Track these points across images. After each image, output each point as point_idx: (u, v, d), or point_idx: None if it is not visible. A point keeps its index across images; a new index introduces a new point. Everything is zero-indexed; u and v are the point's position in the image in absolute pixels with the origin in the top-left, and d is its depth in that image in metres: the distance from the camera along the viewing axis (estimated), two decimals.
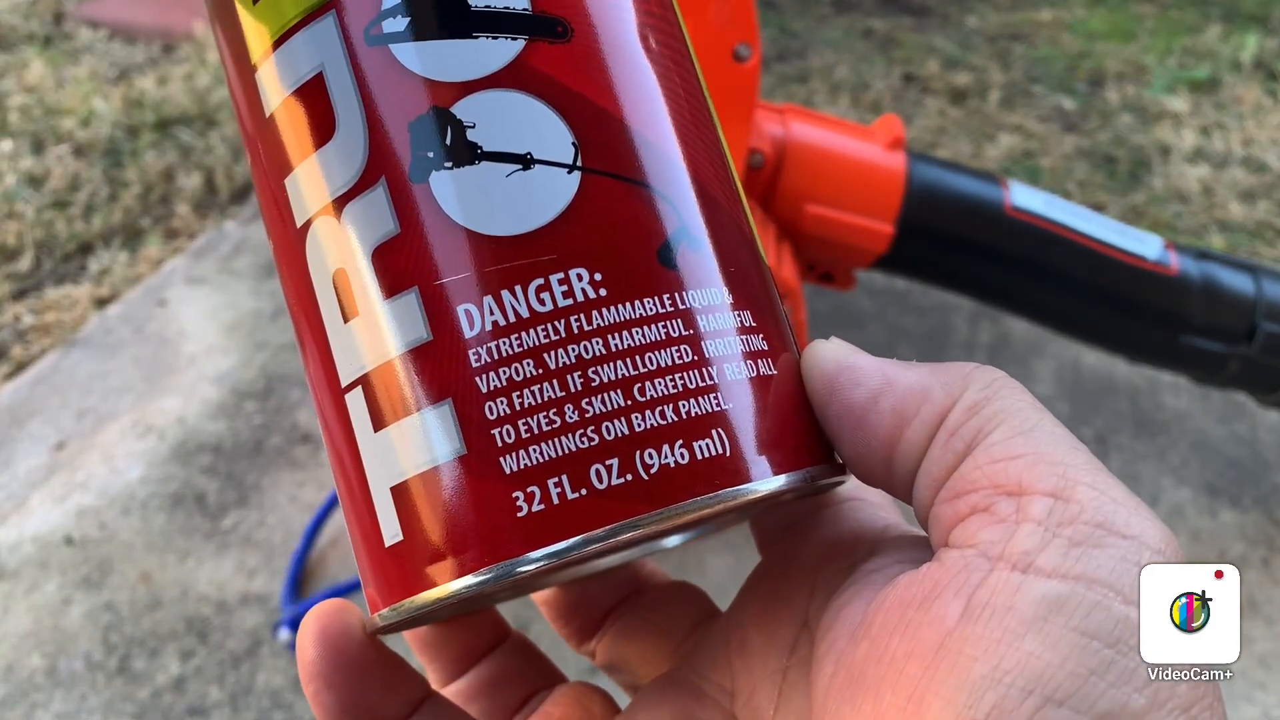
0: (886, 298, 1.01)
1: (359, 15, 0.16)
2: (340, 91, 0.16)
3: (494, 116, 0.16)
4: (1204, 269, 0.68)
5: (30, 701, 0.65)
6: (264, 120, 0.18)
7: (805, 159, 0.65)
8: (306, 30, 0.17)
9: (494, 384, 0.16)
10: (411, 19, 0.16)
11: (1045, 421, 0.17)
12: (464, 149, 0.16)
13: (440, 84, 0.16)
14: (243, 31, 0.18)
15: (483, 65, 0.16)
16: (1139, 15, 1.63)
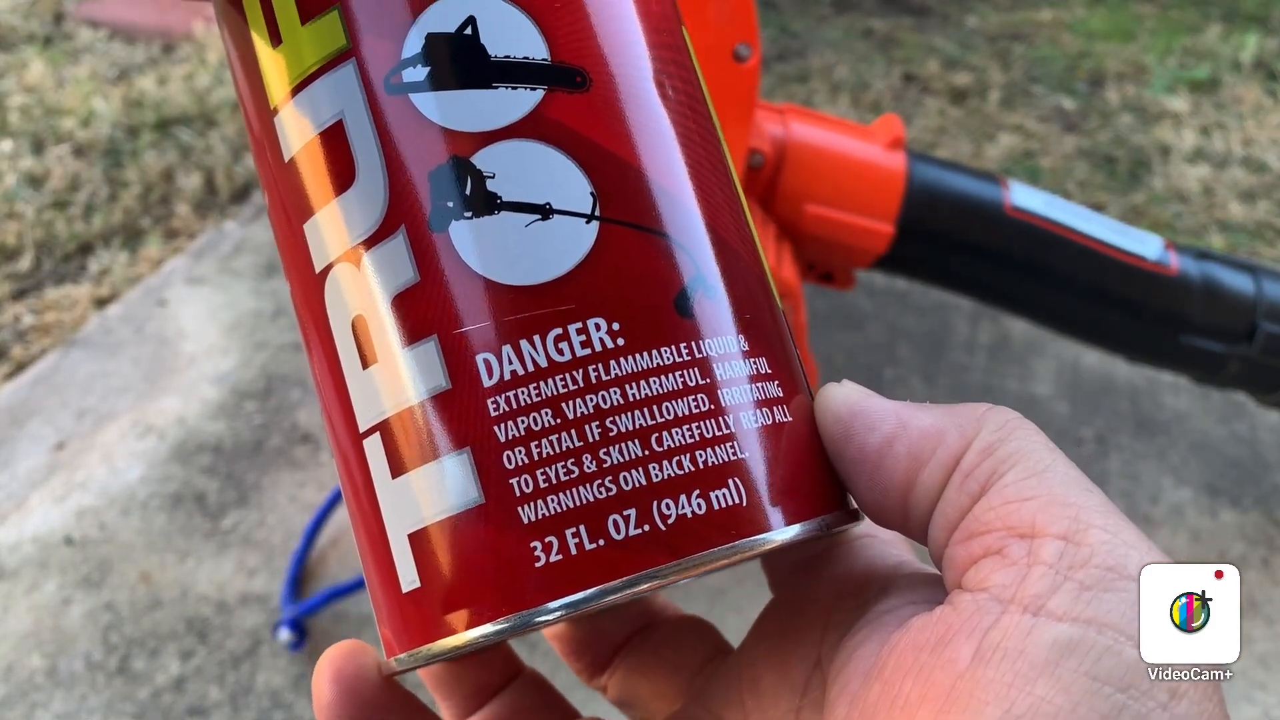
0: (886, 297, 1.01)
1: (379, 64, 0.16)
2: (360, 139, 0.16)
3: (513, 167, 0.16)
4: (1204, 269, 0.68)
5: (30, 701, 0.65)
6: (284, 164, 0.18)
7: (805, 159, 0.65)
8: (327, 77, 0.17)
9: (512, 433, 0.16)
10: (431, 69, 0.16)
11: (1059, 463, 0.17)
12: (483, 199, 0.16)
13: (460, 134, 0.16)
14: (262, 74, 0.18)
15: (502, 116, 0.16)
16: (1139, 15, 1.63)
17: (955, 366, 0.93)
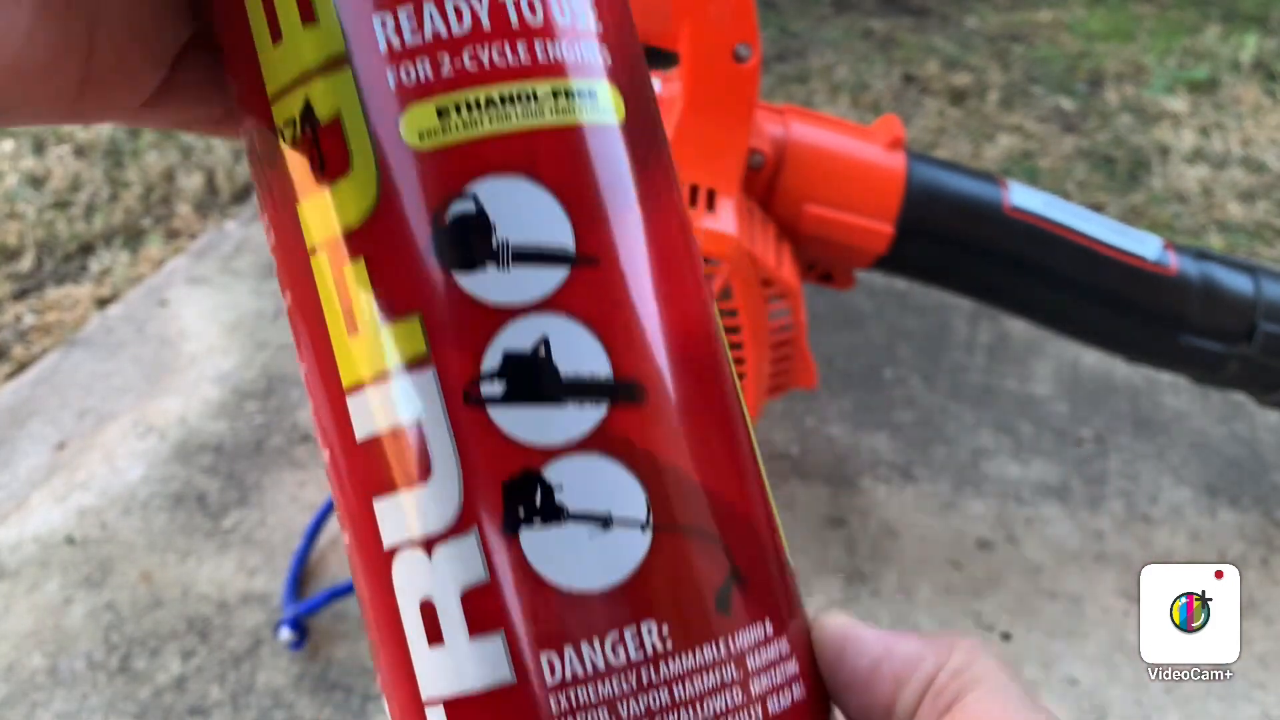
0: (886, 297, 1.01)
1: (457, 375, 0.17)
2: (437, 442, 0.17)
3: (579, 480, 0.17)
4: (1203, 269, 0.68)
5: (31, 701, 0.65)
6: (354, 444, 0.18)
7: (805, 159, 0.65)
8: (407, 380, 0.17)
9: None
10: (507, 385, 0.17)
11: (1015, 686, 0.19)
12: (552, 510, 0.17)
13: (532, 448, 0.17)
14: (336, 359, 0.18)
15: (571, 431, 0.17)
16: (1138, 16, 1.64)
17: (955, 366, 0.94)
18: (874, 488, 0.81)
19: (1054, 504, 0.80)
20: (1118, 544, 0.77)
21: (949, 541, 0.77)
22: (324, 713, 0.64)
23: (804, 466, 0.82)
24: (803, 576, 0.73)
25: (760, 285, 0.61)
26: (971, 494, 0.81)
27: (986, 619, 0.71)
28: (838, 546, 0.76)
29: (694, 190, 0.60)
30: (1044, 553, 0.76)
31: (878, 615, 0.71)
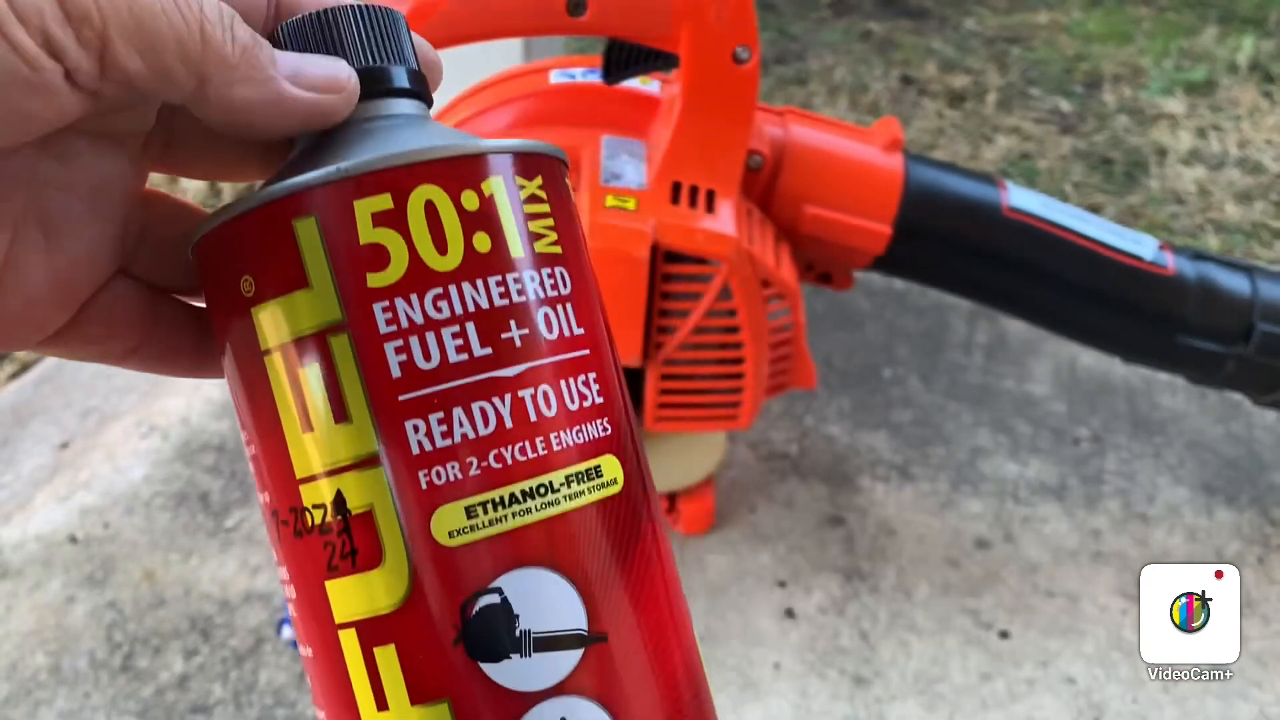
0: (884, 298, 1.02)
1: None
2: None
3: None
4: (1200, 270, 0.68)
5: (34, 700, 0.65)
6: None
7: (804, 160, 0.65)
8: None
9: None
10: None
11: None
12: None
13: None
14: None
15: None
16: (1136, 17, 1.64)
17: (953, 366, 0.94)
18: (872, 487, 0.81)
19: (1051, 503, 0.80)
20: (1115, 543, 0.77)
21: (947, 540, 0.77)
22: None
23: (803, 465, 0.83)
24: (801, 575, 0.74)
25: (759, 285, 0.61)
26: (969, 493, 0.81)
27: (984, 617, 0.71)
28: (836, 545, 0.76)
29: (694, 191, 0.60)
30: (1041, 551, 0.76)
31: (876, 613, 0.71)
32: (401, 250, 0.18)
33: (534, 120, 0.65)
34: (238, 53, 0.17)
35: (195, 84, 0.17)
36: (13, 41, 0.14)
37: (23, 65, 0.14)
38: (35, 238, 0.18)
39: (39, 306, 0.19)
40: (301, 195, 0.18)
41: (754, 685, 0.66)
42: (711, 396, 0.64)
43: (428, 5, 0.57)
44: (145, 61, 0.16)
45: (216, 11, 0.17)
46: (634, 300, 0.58)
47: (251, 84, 0.17)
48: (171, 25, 0.16)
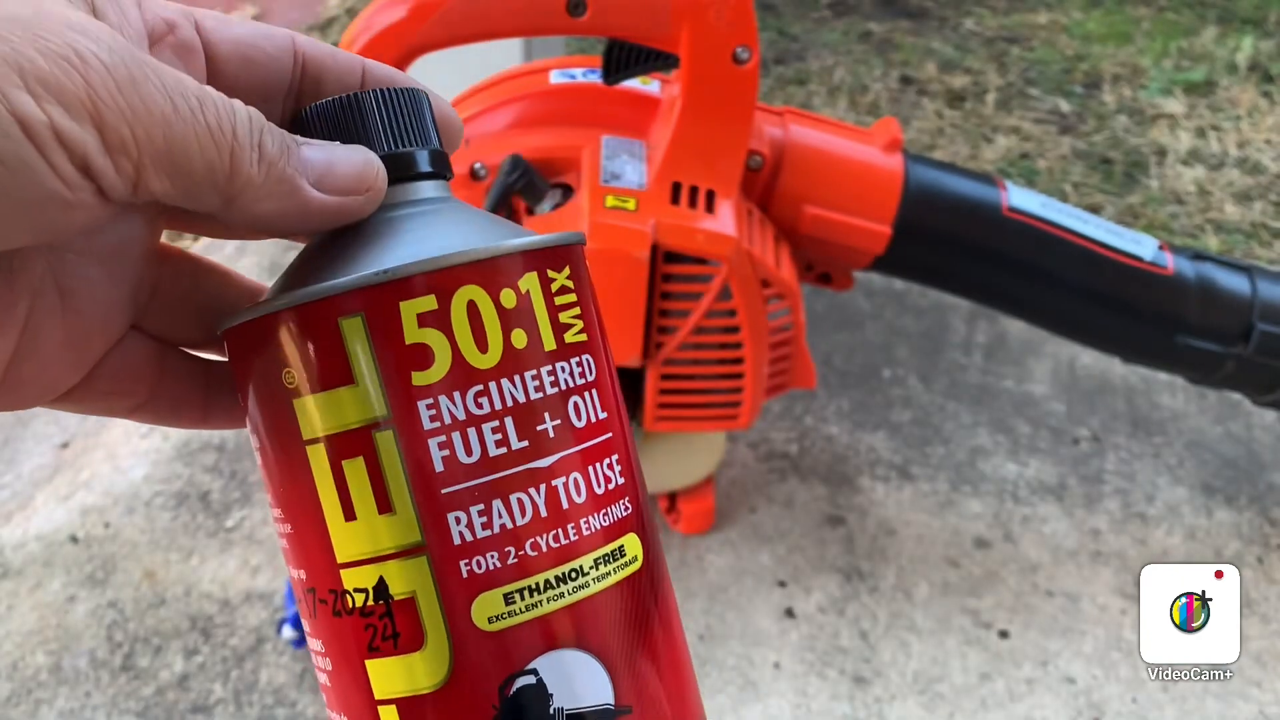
0: (884, 298, 1.02)
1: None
2: None
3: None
4: (1200, 270, 0.68)
5: (35, 699, 0.65)
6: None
7: (804, 161, 0.65)
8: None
9: None
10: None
11: None
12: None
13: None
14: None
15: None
16: (1135, 17, 1.64)
17: (952, 366, 0.94)
18: (872, 486, 0.82)
19: (1051, 503, 0.80)
20: (1114, 543, 0.77)
21: (947, 540, 0.77)
22: (327, 710, 0.65)
23: (803, 465, 0.83)
24: (801, 574, 0.74)
25: (759, 286, 0.61)
26: (969, 493, 0.81)
27: (984, 617, 0.71)
28: (836, 545, 0.76)
29: (694, 191, 0.60)
30: (1041, 551, 0.76)
31: (876, 613, 0.72)
32: (445, 349, 0.18)
33: (534, 120, 0.65)
34: (264, 171, 0.18)
35: (221, 203, 0.18)
36: (55, 166, 0.15)
37: (63, 188, 0.15)
38: (53, 303, 0.19)
39: (53, 368, 0.19)
40: (349, 295, 0.18)
41: (754, 685, 0.67)
42: (711, 396, 0.64)
43: (428, 5, 0.57)
44: (174, 185, 0.17)
45: (246, 129, 0.17)
46: (634, 300, 0.59)
47: (276, 198, 0.18)
48: (203, 153, 0.16)
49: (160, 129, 0.16)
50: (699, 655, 0.68)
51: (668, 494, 0.77)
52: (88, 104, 0.15)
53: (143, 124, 0.16)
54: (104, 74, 0.15)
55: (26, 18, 0.15)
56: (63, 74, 0.15)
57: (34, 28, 0.15)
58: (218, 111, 0.17)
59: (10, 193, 0.15)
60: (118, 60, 0.15)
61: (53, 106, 0.15)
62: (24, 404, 0.20)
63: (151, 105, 0.16)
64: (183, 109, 0.16)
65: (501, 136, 0.65)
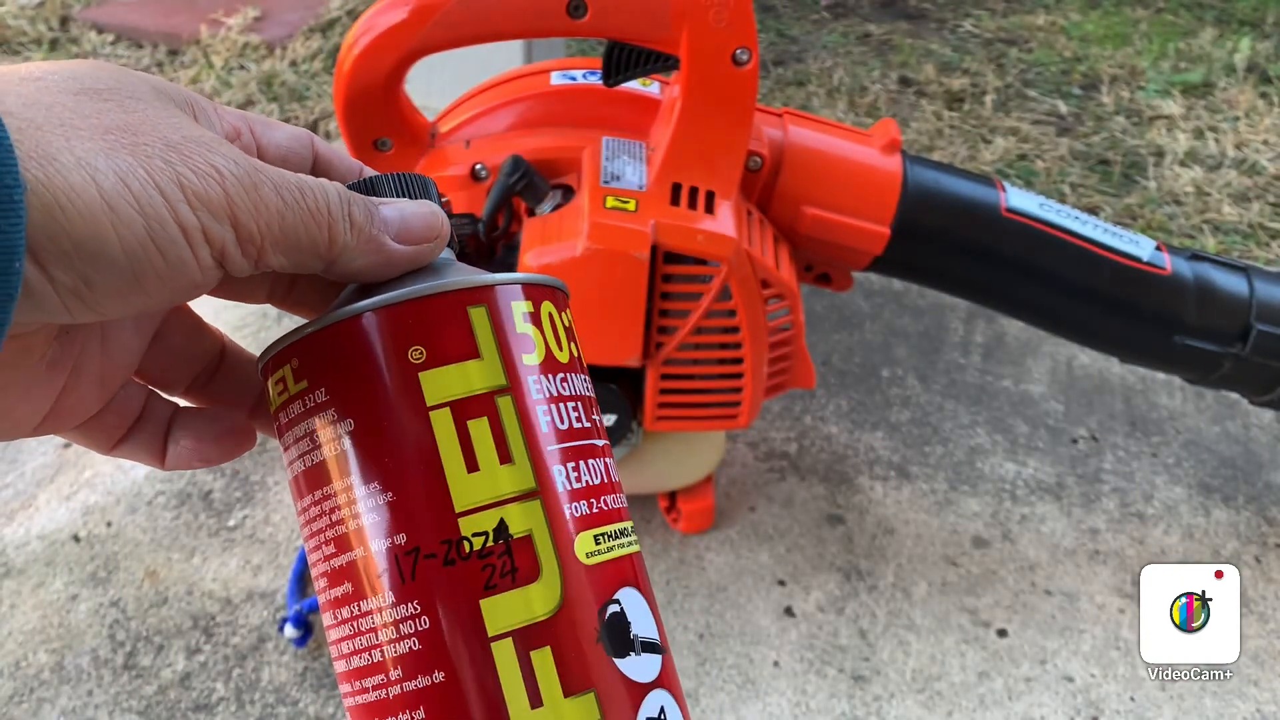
0: (883, 298, 1.02)
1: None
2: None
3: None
4: (1197, 270, 0.69)
5: (37, 697, 0.65)
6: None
7: (803, 162, 0.66)
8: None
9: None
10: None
11: None
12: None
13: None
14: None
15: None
16: (1133, 19, 1.65)
17: (951, 366, 0.94)
18: (871, 486, 0.82)
19: (1049, 502, 0.81)
20: (1112, 542, 0.78)
21: (945, 539, 0.77)
22: (328, 709, 0.65)
23: (802, 465, 0.83)
24: (800, 573, 0.74)
25: (759, 286, 0.62)
26: (967, 492, 0.81)
27: (982, 616, 0.72)
28: (835, 544, 0.77)
29: (693, 192, 0.61)
30: (1039, 550, 0.77)
31: (875, 611, 0.72)
32: (540, 342, 0.23)
33: (535, 122, 0.66)
34: (355, 237, 0.22)
35: (324, 267, 0.22)
36: (200, 260, 0.19)
37: (199, 273, 0.19)
38: (96, 346, 0.23)
39: (86, 400, 0.23)
40: (476, 291, 0.23)
41: (753, 683, 0.67)
42: (711, 396, 0.64)
43: (429, 7, 0.57)
44: (288, 259, 0.21)
45: (338, 204, 0.21)
46: (634, 300, 0.59)
47: (366, 255, 0.22)
48: (308, 233, 0.21)
49: (276, 220, 0.20)
50: (699, 654, 0.68)
51: (668, 493, 0.77)
52: (226, 208, 0.19)
53: (264, 218, 0.20)
54: (236, 184, 0.19)
55: (178, 141, 0.19)
56: (209, 187, 0.19)
57: (183, 150, 0.19)
58: (315, 195, 0.21)
59: (166, 280, 0.19)
60: (242, 171, 0.19)
61: (204, 214, 0.19)
62: (50, 433, 0.23)
63: (270, 203, 0.20)
64: (290, 201, 0.20)
65: (502, 138, 0.65)
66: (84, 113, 0.18)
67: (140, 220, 0.18)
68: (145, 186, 0.18)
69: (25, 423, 0.22)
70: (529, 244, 0.59)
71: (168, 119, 0.20)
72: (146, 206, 0.18)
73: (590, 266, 0.57)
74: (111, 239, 0.17)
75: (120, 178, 0.17)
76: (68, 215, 0.17)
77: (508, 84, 0.68)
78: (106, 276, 0.18)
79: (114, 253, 0.17)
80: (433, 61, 0.61)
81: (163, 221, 0.18)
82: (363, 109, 0.62)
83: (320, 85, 1.39)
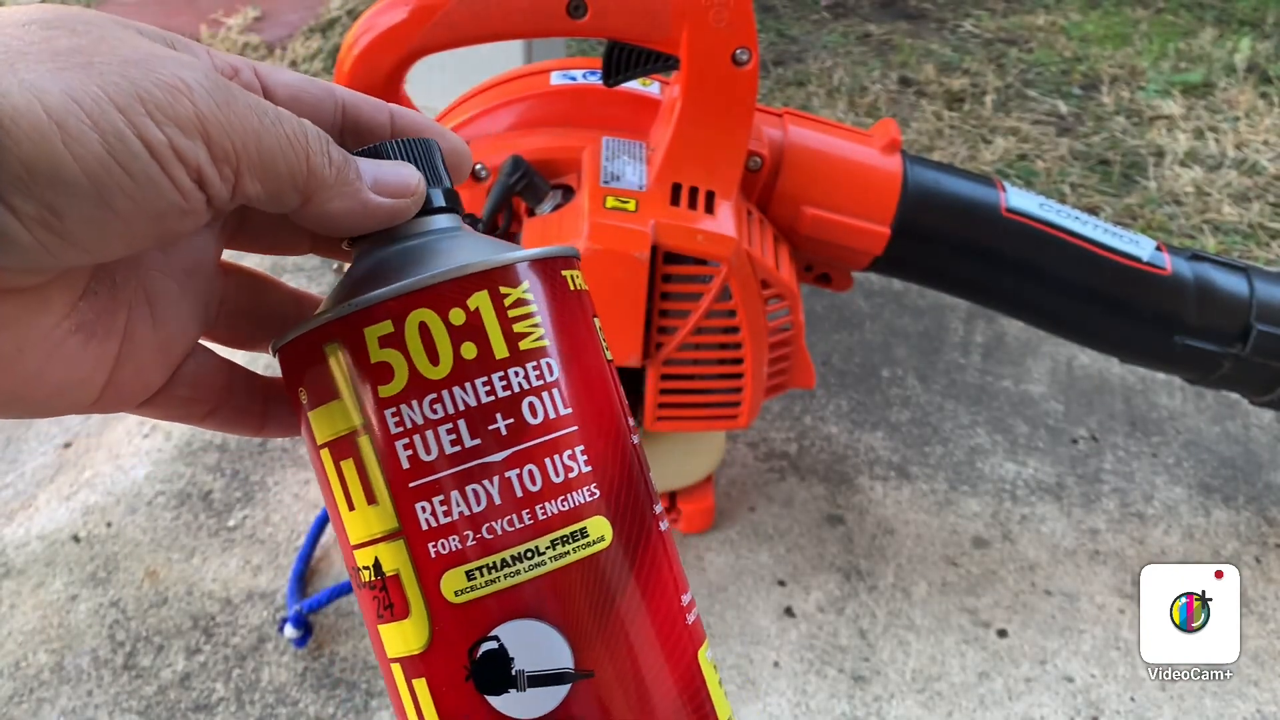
0: (883, 299, 1.02)
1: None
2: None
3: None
4: (1197, 270, 0.69)
5: (37, 698, 0.65)
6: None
7: (803, 162, 0.66)
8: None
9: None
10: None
11: None
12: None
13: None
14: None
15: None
16: (1133, 19, 1.65)
17: (951, 366, 0.94)
18: (871, 486, 0.82)
19: (1049, 502, 0.81)
20: (1112, 542, 0.78)
21: (945, 539, 0.77)
22: (328, 709, 0.65)
23: (802, 465, 0.83)
24: (800, 573, 0.74)
25: (759, 286, 0.62)
26: (967, 492, 0.82)
27: (982, 616, 0.72)
28: (835, 544, 0.77)
29: (693, 192, 0.61)
30: (1039, 550, 0.77)
31: (875, 611, 0.72)
32: (403, 365, 0.22)
33: (535, 122, 0.66)
34: (334, 174, 0.21)
35: (300, 201, 0.21)
36: (175, 179, 0.18)
37: (180, 198, 0.18)
38: (144, 313, 0.22)
39: (146, 372, 0.23)
40: (327, 326, 0.22)
41: (753, 683, 0.67)
42: (711, 396, 0.64)
43: (430, 7, 0.57)
44: (265, 188, 0.20)
45: (318, 140, 0.21)
46: (634, 301, 0.59)
47: (344, 198, 0.21)
48: (285, 159, 0.20)
49: (253, 140, 0.19)
50: None
51: (668, 493, 0.77)
52: (197, 123, 0.18)
53: (239, 136, 0.19)
54: (206, 97, 0.18)
55: (138, 59, 0.18)
56: (174, 100, 0.18)
57: (145, 65, 0.18)
58: (294, 125, 0.20)
59: (140, 204, 0.17)
60: (213, 85, 0.18)
61: (170, 128, 0.17)
62: (122, 406, 0.23)
63: (245, 120, 0.19)
64: (267, 123, 0.19)
65: (502, 138, 0.65)
66: (30, 40, 0.17)
67: (95, 136, 0.16)
68: (99, 102, 0.17)
69: (77, 395, 0.21)
70: (529, 244, 0.59)
71: (129, 39, 0.18)
72: (101, 121, 0.17)
73: (590, 267, 0.57)
74: (65, 158, 0.16)
75: (69, 95, 0.16)
76: (13, 138, 0.16)
77: (508, 84, 0.68)
78: (71, 201, 0.17)
79: (71, 173, 0.16)
80: (433, 61, 0.61)
81: (121, 136, 0.17)
82: None
83: None
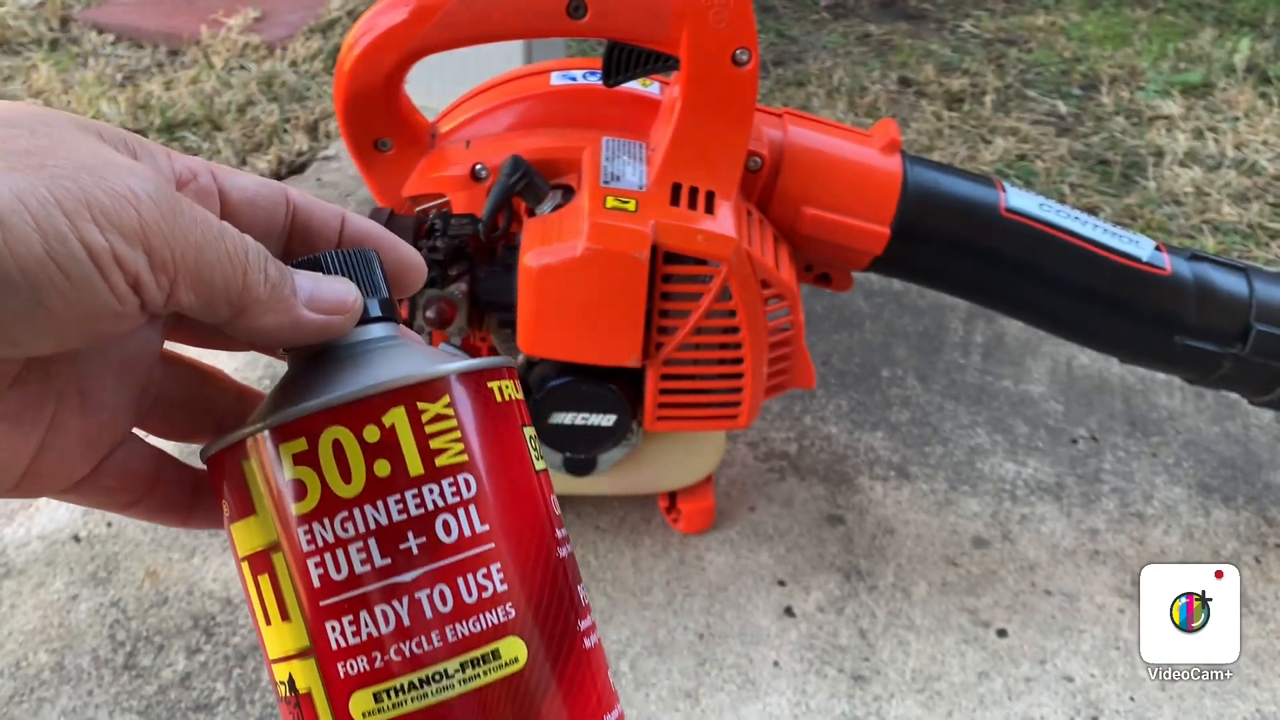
0: (883, 299, 1.02)
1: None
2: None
3: None
4: (1197, 270, 0.69)
5: (37, 697, 0.66)
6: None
7: (803, 162, 0.66)
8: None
9: None
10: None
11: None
12: None
13: None
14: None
15: None
16: (1133, 19, 1.65)
17: (951, 366, 0.94)
18: (871, 486, 0.82)
19: (1049, 502, 0.81)
20: (1112, 542, 0.78)
21: (945, 539, 0.77)
22: None
23: (802, 465, 0.83)
24: (800, 573, 0.74)
25: (759, 286, 0.62)
26: (967, 492, 0.82)
27: (982, 616, 0.72)
28: (835, 544, 0.77)
29: (693, 192, 0.61)
30: (1039, 550, 0.77)
31: (874, 611, 0.72)
32: (316, 482, 0.21)
33: (535, 122, 0.66)
34: (268, 291, 0.21)
35: (231, 314, 0.21)
36: (112, 285, 0.18)
37: (115, 302, 0.18)
38: (75, 405, 0.22)
39: (69, 462, 0.23)
40: (243, 443, 0.22)
41: (753, 683, 0.67)
42: (711, 396, 0.65)
43: (429, 8, 0.58)
44: (199, 299, 0.20)
45: (258, 256, 0.21)
46: (634, 301, 0.59)
47: (276, 314, 0.22)
48: (222, 273, 0.20)
49: (194, 252, 0.19)
50: (698, 654, 0.68)
51: (668, 493, 0.77)
52: (140, 232, 0.18)
53: (180, 248, 0.19)
54: (152, 208, 0.19)
55: (93, 165, 0.18)
56: (121, 209, 0.18)
57: (97, 172, 0.18)
58: (235, 242, 0.20)
59: (74, 306, 0.18)
60: (161, 197, 0.19)
61: (113, 236, 0.18)
62: (40, 493, 0.23)
63: (187, 234, 0.19)
64: (210, 237, 0.20)
65: (502, 138, 0.65)
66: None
67: (36, 237, 0.17)
68: (45, 205, 0.17)
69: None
70: (529, 244, 0.59)
71: (86, 144, 0.19)
72: (44, 223, 0.17)
73: (590, 266, 0.57)
74: (3, 255, 0.17)
75: (16, 195, 0.17)
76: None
77: (508, 84, 0.68)
78: (4, 297, 0.17)
79: (7, 269, 0.17)
80: (433, 62, 0.61)
81: (63, 239, 0.17)
82: (363, 109, 0.62)
83: (320, 86, 1.39)
